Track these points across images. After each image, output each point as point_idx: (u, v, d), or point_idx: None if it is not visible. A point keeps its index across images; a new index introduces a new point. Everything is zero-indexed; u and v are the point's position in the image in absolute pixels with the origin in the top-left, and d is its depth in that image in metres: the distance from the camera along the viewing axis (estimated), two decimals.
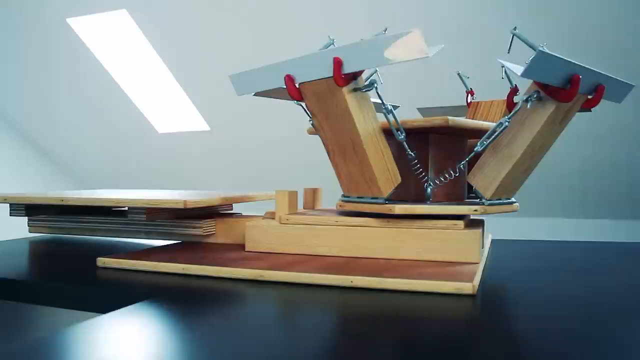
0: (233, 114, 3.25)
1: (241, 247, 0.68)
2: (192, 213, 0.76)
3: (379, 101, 0.58)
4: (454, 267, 0.54)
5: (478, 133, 0.61)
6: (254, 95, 0.71)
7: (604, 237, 3.15)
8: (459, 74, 0.81)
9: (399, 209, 0.58)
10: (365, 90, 0.55)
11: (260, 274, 0.54)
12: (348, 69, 0.53)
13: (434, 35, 2.47)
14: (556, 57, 0.47)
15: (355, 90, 0.55)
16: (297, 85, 0.58)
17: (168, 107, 3.40)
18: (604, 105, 0.82)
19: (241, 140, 3.47)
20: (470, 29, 2.43)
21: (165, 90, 3.27)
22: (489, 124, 0.61)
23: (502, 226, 3.37)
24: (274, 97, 0.72)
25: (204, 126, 3.44)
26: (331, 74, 0.54)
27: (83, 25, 2.90)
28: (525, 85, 0.56)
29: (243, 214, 0.83)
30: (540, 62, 0.46)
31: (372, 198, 0.60)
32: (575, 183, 3.04)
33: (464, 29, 2.44)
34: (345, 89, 0.55)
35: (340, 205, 0.65)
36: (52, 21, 2.88)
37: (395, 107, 0.87)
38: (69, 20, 2.84)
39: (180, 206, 0.64)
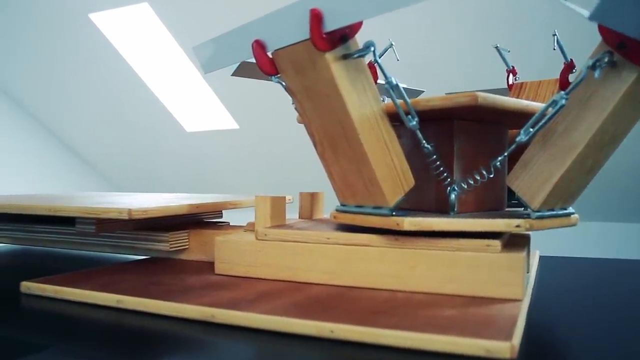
0: (262, 111, 3.11)
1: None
2: (161, 223, 0.62)
3: (384, 82, 0.42)
4: (486, 307, 0.38)
5: (521, 117, 0.44)
6: (232, 75, 0.56)
7: None
8: (496, 47, 0.64)
9: (410, 223, 0.42)
10: (359, 56, 0.39)
11: (211, 314, 0.38)
12: (331, 24, 0.37)
13: (466, 9, 2.28)
14: None
15: (345, 57, 0.40)
16: (269, 55, 0.43)
17: (195, 104, 3.30)
18: None
19: (271, 139, 3.34)
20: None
21: (192, 87, 3.17)
22: (537, 105, 0.44)
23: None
24: (257, 79, 0.56)
25: (232, 124, 3.33)
26: (309, 35, 0.38)
27: (105, 21, 2.82)
28: (583, 60, 0.39)
29: (230, 223, 0.69)
30: None
31: (375, 208, 0.44)
32: (631, 183, 2.78)
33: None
34: (329, 55, 0.39)
35: (334, 217, 0.49)
36: (75, 17, 2.80)
37: (418, 91, 0.70)
38: (91, 15, 2.76)
39: (125, 217, 0.49)
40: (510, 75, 0.65)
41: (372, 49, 0.39)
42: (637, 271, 0.59)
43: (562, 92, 0.38)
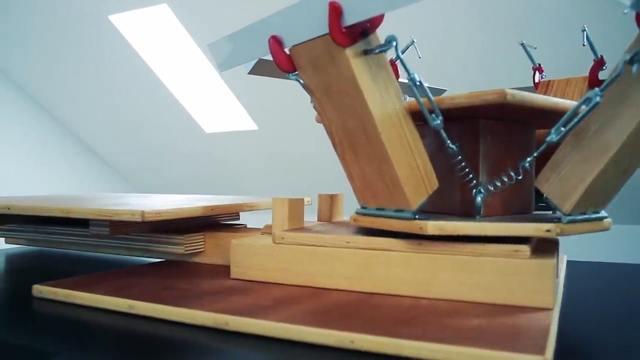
0: (281, 112, 3.10)
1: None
2: (177, 225, 0.60)
3: (407, 80, 0.40)
4: (514, 317, 0.36)
5: (550, 116, 0.42)
6: (248, 73, 0.54)
7: None
8: (522, 44, 0.62)
9: (434, 227, 0.40)
10: (380, 51, 0.38)
11: (225, 321, 0.37)
12: (351, 18, 0.36)
13: (482, 7, 2.24)
14: None
15: (365, 53, 0.38)
16: (287, 51, 0.41)
17: (214, 105, 3.30)
18: None
19: (291, 140, 3.32)
20: None
21: (211, 88, 3.17)
22: (568, 103, 0.42)
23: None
24: (274, 77, 0.55)
25: (251, 125, 3.32)
26: (327, 30, 0.36)
27: (124, 22, 2.83)
28: (615, 59, 0.37)
29: (247, 226, 0.67)
30: None
31: (396, 211, 0.42)
32: None
33: None
34: (349, 51, 0.37)
35: (354, 220, 0.47)
36: (95, 19, 2.82)
37: (440, 90, 0.68)
38: (110, 17, 2.77)
39: (137, 219, 0.48)
40: (537, 73, 0.63)
41: (395, 44, 0.37)
42: None
43: (597, 89, 0.36)
